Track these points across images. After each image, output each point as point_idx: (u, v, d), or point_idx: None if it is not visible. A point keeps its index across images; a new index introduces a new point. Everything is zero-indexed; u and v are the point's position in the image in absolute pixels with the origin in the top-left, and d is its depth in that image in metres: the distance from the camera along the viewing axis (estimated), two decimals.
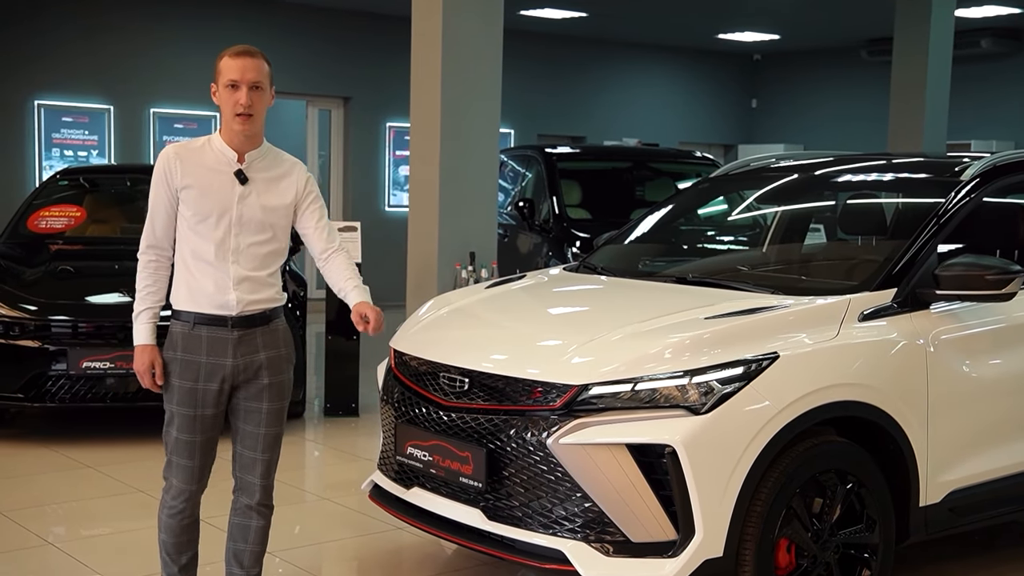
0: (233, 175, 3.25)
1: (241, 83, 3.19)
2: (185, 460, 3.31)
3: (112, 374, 5.93)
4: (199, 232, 3.22)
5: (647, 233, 4.99)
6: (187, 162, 3.24)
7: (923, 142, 9.69)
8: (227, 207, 3.23)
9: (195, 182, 3.22)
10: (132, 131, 11.62)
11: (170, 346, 3.28)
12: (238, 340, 3.26)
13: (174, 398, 3.28)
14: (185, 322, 3.25)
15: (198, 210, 3.22)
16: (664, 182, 9.34)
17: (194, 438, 3.29)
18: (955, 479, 3.82)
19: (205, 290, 3.23)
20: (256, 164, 3.30)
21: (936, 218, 3.95)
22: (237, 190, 3.24)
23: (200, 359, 3.25)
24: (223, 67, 3.22)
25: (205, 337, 3.24)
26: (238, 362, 3.26)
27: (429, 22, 6.58)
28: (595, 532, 3.31)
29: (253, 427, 3.35)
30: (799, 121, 15.97)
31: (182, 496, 3.35)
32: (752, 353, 3.38)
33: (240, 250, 3.24)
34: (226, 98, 3.21)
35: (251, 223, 3.25)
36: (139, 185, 8.00)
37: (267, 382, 3.33)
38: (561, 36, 14.35)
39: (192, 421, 3.27)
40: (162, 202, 3.25)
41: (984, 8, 12.14)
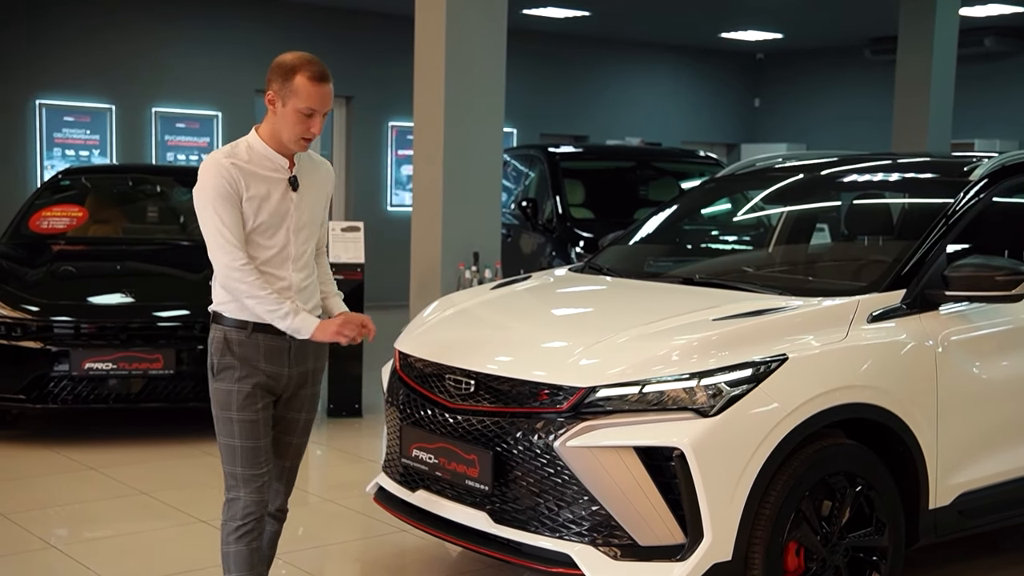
0: (287, 182, 3.15)
1: (319, 112, 3.09)
2: (252, 469, 3.17)
3: (115, 375, 5.91)
4: (258, 242, 3.11)
5: (653, 233, 4.96)
6: (243, 171, 3.09)
7: (927, 141, 9.65)
8: (285, 214, 3.14)
9: (255, 191, 3.10)
10: (134, 131, 11.60)
11: (224, 351, 3.14)
12: (295, 350, 3.18)
13: (233, 403, 3.14)
14: (239, 328, 3.13)
15: (259, 220, 3.10)
16: (668, 182, 9.31)
17: (259, 443, 3.17)
18: (965, 482, 3.79)
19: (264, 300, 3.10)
20: (302, 168, 3.22)
21: (945, 218, 3.92)
22: (292, 196, 3.16)
23: (259, 365, 3.14)
24: (301, 89, 3.05)
25: (263, 344, 3.14)
26: (292, 372, 3.20)
27: (432, 20, 6.55)
28: (602, 535, 3.28)
29: (288, 436, 3.31)
30: (802, 120, 15.94)
31: (255, 512, 3.19)
32: (761, 355, 3.35)
33: (297, 257, 3.18)
34: (295, 121, 3.07)
35: (306, 228, 3.20)
36: (141, 185, 8.00)
37: (310, 392, 3.30)
38: (563, 35, 14.32)
39: (255, 426, 3.16)
40: (232, 210, 3.06)
41: (988, 7, 12.11)
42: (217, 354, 3.15)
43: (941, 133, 9.80)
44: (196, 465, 5.73)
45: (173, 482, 5.39)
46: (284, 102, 3.07)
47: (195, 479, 5.49)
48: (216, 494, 5.26)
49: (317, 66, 3.09)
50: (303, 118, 3.07)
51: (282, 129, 3.10)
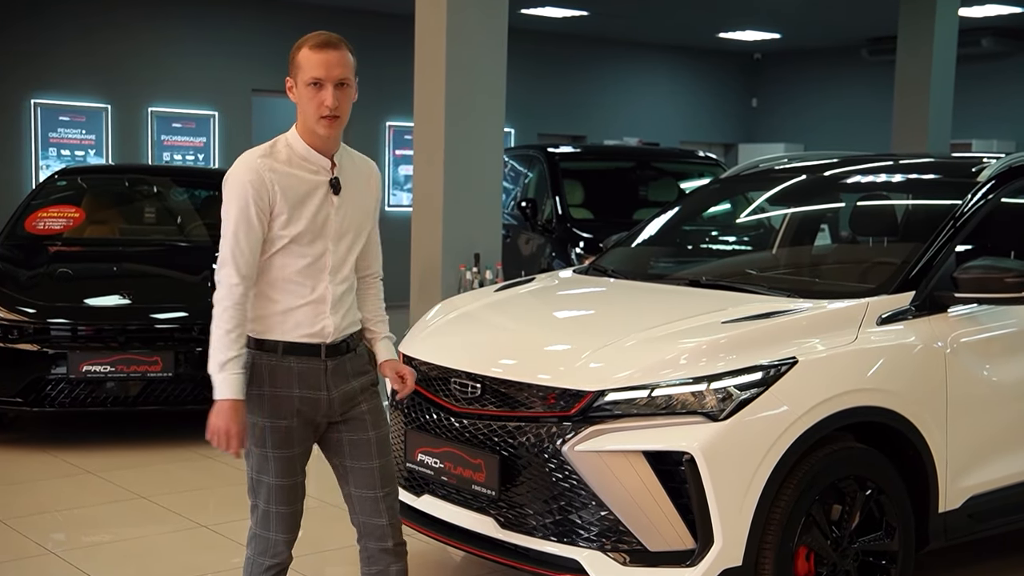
0: (328, 184, 2.87)
1: (326, 81, 2.79)
2: (286, 507, 2.92)
3: (113, 378, 5.86)
4: (293, 251, 2.82)
5: (657, 235, 4.92)
6: (279, 174, 2.81)
7: (927, 141, 9.64)
8: (325, 220, 2.85)
9: (291, 195, 2.80)
10: (130, 130, 11.54)
11: (254, 382, 2.84)
12: (332, 370, 2.88)
13: (267, 441, 2.86)
14: (271, 352, 2.84)
15: (294, 227, 2.81)
16: (667, 182, 9.28)
17: (295, 480, 2.92)
18: (974, 484, 3.76)
19: (298, 315, 2.84)
20: (344, 169, 2.92)
21: (953, 220, 3.89)
22: (333, 201, 2.87)
23: (293, 393, 2.85)
24: (302, 61, 2.81)
25: (296, 368, 2.85)
26: (333, 395, 2.89)
27: (433, 19, 6.51)
28: (611, 541, 3.25)
29: (365, 462, 2.97)
30: (799, 120, 15.93)
31: (287, 547, 2.95)
32: (770, 358, 3.32)
33: (336, 268, 2.88)
34: (308, 98, 2.80)
35: (347, 235, 2.90)
36: (138, 185, 7.94)
37: (368, 407, 2.98)
38: (562, 35, 14.29)
39: (291, 462, 2.89)
40: (253, 226, 2.77)
41: (985, 7, 12.11)
42: (253, 385, 2.85)
43: (941, 133, 9.78)
44: (196, 468, 5.68)
45: (172, 486, 5.34)
46: (296, 83, 2.85)
47: (195, 483, 5.44)
48: (215, 497, 5.24)
49: (321, 35, 2.85)
50: (314, 92, 2.80)
51: (303, 114, 2.85)
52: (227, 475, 5.58)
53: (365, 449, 2.97)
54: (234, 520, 4.84)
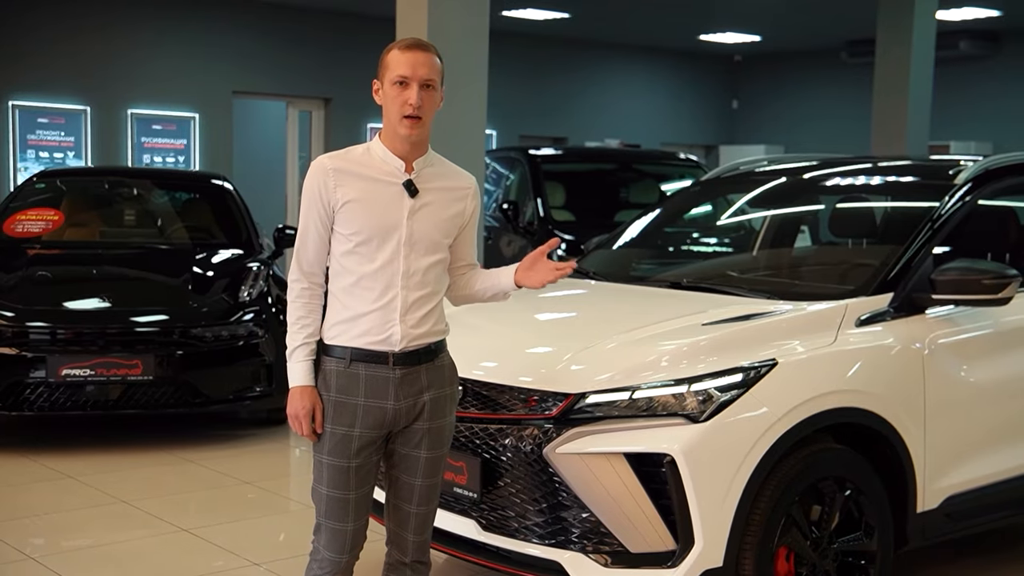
0: (402, 187, 2.83)
1: (412, 80, 2.78)
2: (336, 523, 2.85)
3: (92, 381, 5.83)
4: (361, 254, 2.80)
5: (639, 237, 4.94)
6: (345, 174, 2.80)
7: (906, 142, 9.71)
8: (396, 224, 2.80)
9: (357, 196, 2.79)
10: (109, 132, 11.49)
11: (322, 386, 2.84)
12: (401, 379, 2.82)
13: (324, 447, 2.84)
14: (339, 358, 2.82)
15: (360, 228, 2.78)
16: (649, 184, 9.32)
17: (347, 495, 2.84)
18: (952, 484, 3.79)
19: (365, 322, 2.80)
20: (426, 173, 2.87)
21: (931, 222, 3.92)
22: (407, 204, 2.82)
23: (357, 401, 2.81)
24: (391, 61, 2.81)
25: (363, 376, 2.81)
26: (400, 405, 2.83)
27: (414, 23, 6.51)
28: (593, 543, 3.26)
29: (409, 477, 2.93)
30: (780, 122, 16.01)
31: (332, 567, 2.89)
32: (750, 360, 3.34)
33: (409, 274, 2.81)
34: (393, 96, 2.79)
35: (422, 242, 2.83)
36: (118, 188, 7.89)
37: (427, 427, 2.89)
38: (543, 37, 14.31)
39: (345, 474, 2.83)
40: (314, 222, 2.82)
41: (963, 10, 12.21)
42: (319, 388, 2.85)
43: (920, 134, 9.86)
44: (177, 473, 5.66)
45: (153, 490, 5.32)
46: (383, 83, 2.83)
47: (176, 487, 5.42)
48: (196, 501, 5.22)
49: (410, 38, 2.88)
50: (400, 91, 2.78)
51: (387, 115, 2.83)
52: (208, 479, 5.56)
53: (414, 465, 2.93)
54: (216, 524, 4.83)
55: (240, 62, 12.12)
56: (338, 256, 2.84)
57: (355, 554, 2.94)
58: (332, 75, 12.67)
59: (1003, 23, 13.01)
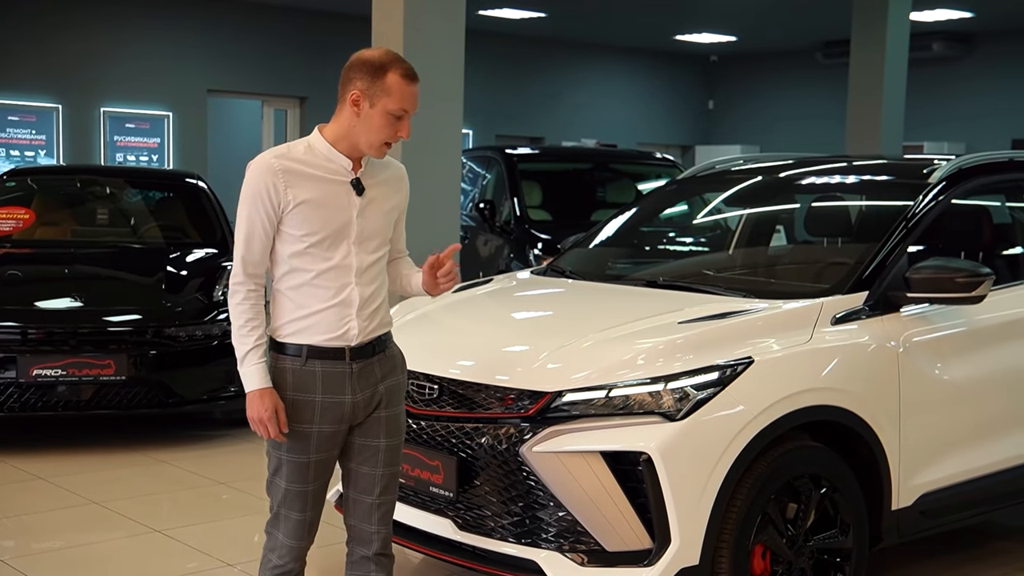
0: (349, 185, 2.83)
1: (409, 113, 2.81)
2: (296, 513, 2.90)
3: (64, 382, 5.76)
4: (313, 254, 2.79)
5: (615, 236, 4.94)
6: (294, 175, 2.77)
7: (880, 143, 9.77)
8: (347, 223, 2.80)
9: (309, 197, 2.76)
10: (82, 131, 11.38)
11: (279, 385, 2.83)
12: (358, 373, 2.85)
13: (283, 444, 2.85)
14: (294, 356, 2.82)
15: (313, 229, 2.77)
16: (625, 183, 9.32)
17: (306, 488, 2.88)
18: (926, 482, 3.81)
19: (321, 319, 2.80)
20: (369, 170, 2.88)
21: (906, 221, 3.94)
22: (355, 202, 2.82)
23: (315, 398, 2.82)
24: (394, 88, 2.77)
25: (320, 372, 2.82)
26: (358, 399, 2.86)
27: (390, 22, 6.48)
28: (569, 541, 3.25)
29: (370, 468, 2.94)
30: (755, 122, 16.08)
31: (291, 554, 2.94)
32: (727, 358, 3.34)
33: (362, 270, 2.83)
34: (382, 124, 2.77)
35: (370, 238, 2.85)
36: (90, 187, 7.82)
37: (386, 415, 2.93)
38: (520, 37, 14.31)
39: (304, 469, 2.86)
40: (261, 224, 2.77)
41: (936, 12, 12.30)
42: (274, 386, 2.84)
43: (894, 134, 9.92)
44: (150, 474, 5.61)
45: (126, 491, 5.26)
46: (372, 103, 2.77)
47: (149, 488, 5.37)
48: (169, 502, 5.17)
49: (408, 64, 2.82)
50: (392, 120, 2.78)
51: (363, 132, 2.79)
52: (182, 479, 5.51)
53: (373, 455, 2.94)
54: (189, 525, 4.79)
55: (215, 60, 12.04)
56: (287, 256, 2.81)
57: (312, 538, 2.99)
58: (308, 74, 12.61)
59: (976, 24, 13.12)
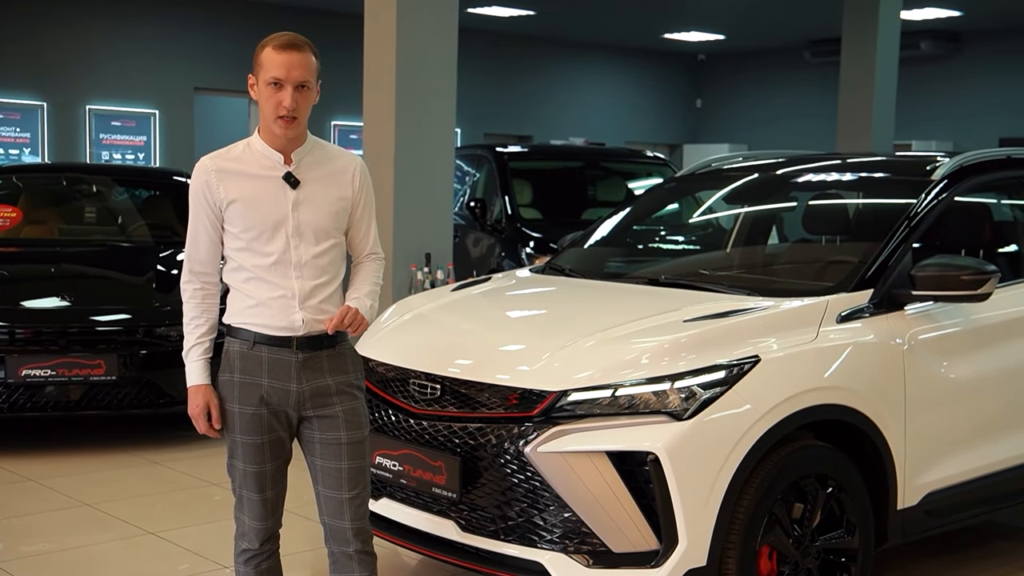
0: (282, 179, 2.88)
1: (286, 82, 2.80)
2: (255, 493, 2.96)
3: (53, 382, 5.68)
4: (253, 249, 2.86)
5: (614, 233, 4.90)
6: (226, 173, 2.86)
7: (871, 141, 9.77)
8: (282, 217, 2.86)
9: (240, 194, 2.85)
10: (67, 128, 11.28)
11: (225, 367, 2.93)
12: (303, 363, 2.90)
13: (236, 426, 2.92)
14: (243, 340, 2.89)
15: (249, 225, 2.85)
16: (616, 182, 9.29)
17: (263, 467, 2.94)
18: (931, 481, 3.78)
19: (268, 309, 2.87)
20: (306, 163, 2.92)
21: (910, 218, 3.91)
22: (290, 196, 2.87)
23: (261, 381, 2.89)
24: (265, 61, 2.82)
25: (266, 358, 2.89)
26: (304, 388, 2.90)
27: (381, 21, 6.43)
28: (575, 543, 3.20)
29: (334, 462, 2.96)
30: (743, 121, 16.08)
31: (258, 536, 3.00)
32: (733, 357, 3.30)
33: (303, 263, 2.88)
34: (267, 97, 2.82)
35: (310, 231, 2.89)
36: (77, 185, 7.73)
37: (341, 409, 2.95)
38: (508, 35, 14.27)
39: (259, 449, 2.92)
40: (203, 222, 2.88)
41: (924, 10, 12.33)
42: (220, 370, 2.94)
43: (885, 132, 9.93)
44: (142, 475, 5.53)
45: (118, 493, 5.19)
46: (256, 80, 2.86)
47: (141, 489, 5.29)
48: (162, 503, 5.10)
49: (285, 36, 2.86)
50: (273, 92, 2.82)
51: (263, 112, 2.87)
52: (174, 480, 5.44)
53: (335, 450, 2.96)
54: (182, 527, 4.72)
55: (202, 58, 11.95)
56: (232, 252, 2.92)
57: (276, 521, 3.04)
58: None
59: (963, 23, 13.16)
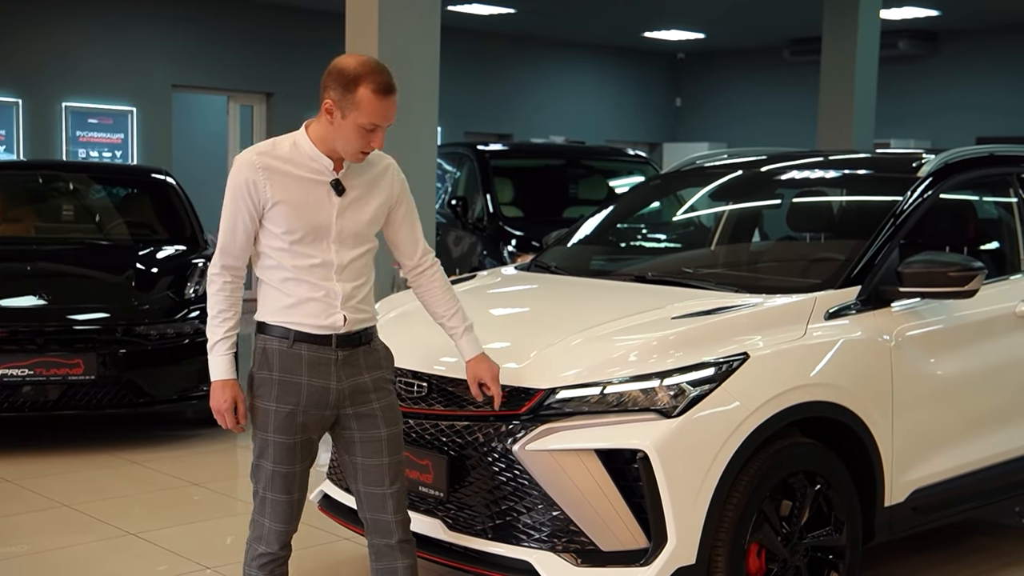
0: (330, 186, 2.86)
1: (381, 127, 2.82)
2: (282, 495, 2.93)
3: (30, 382, 5.61)
4: (295, 251, 2.84)
5: (599, 231, 4.87)
6: (275, 172, 2.82)
7: (852, 139, 9.80)
8: (326, 223, 2.85)
9: (286, 196, 2.82)
10: (43, 126, 11.14)
11: (263, 365, 2.89)
12: (343, 361, 2.90)
13: (269, 424, 2.89)
14: (281, 338, 2.87)
15: (292, 228, 2.82)
16: (597, 180, 9.28)
17: (293, 468, 2.92)
18: (918, 478, 3.78)
19: (308, 307, 2.86)
20: (352, 170, 2.91)
21: (897, 215, 3.91)
22: (335, 203, 2.86)
23: (301, 379, 2.87)
24: (363, 102, 2.77)
25: (306, 356, 2.87)
26: (343, 386, 2.91)
27: (364, 20, 6.39)
28: (563, 541, 3.18)
29: (375, 459, 2.97)
30: (723, 119, 16.11)
31: (278, 539, 2.97)
32: (722, 354, 3.28)
33: (343, 267, 2.88)
34: (355, 135, 2.80)
35: (351, 237, 2.89)
36: (54, 182, 7.65)
37: (379, 406, 2.97)
38: (488, 33, 14.23)
39: (291, 450, 2.90)
40: (242, 218, 2.84)
41: (903, 10, 12.39)
42: (255, 367, 2.91)
43: (865, 131, 9.96)
44: (121, 475, 5.47)
45: (97, 493, 5.13)
46: (344, 114, 2.79)
47: (121, 490, 5.24)
48: (142, 503, 5.05)
49: (383, 76, 2.81)
50: (364, 133, 2.81)
51: (338, 140, 2.82)
52: (154, 481, 5.38)
53: (375, 447, 2.98)
54: (162, 527, 4.67)
55: (180, 55, 11.84)
56: (270, 251, 2.88)
57: (298, 523, 3.01)
58: (275, 69, 12.45)
59: (941, 23, 13.23)
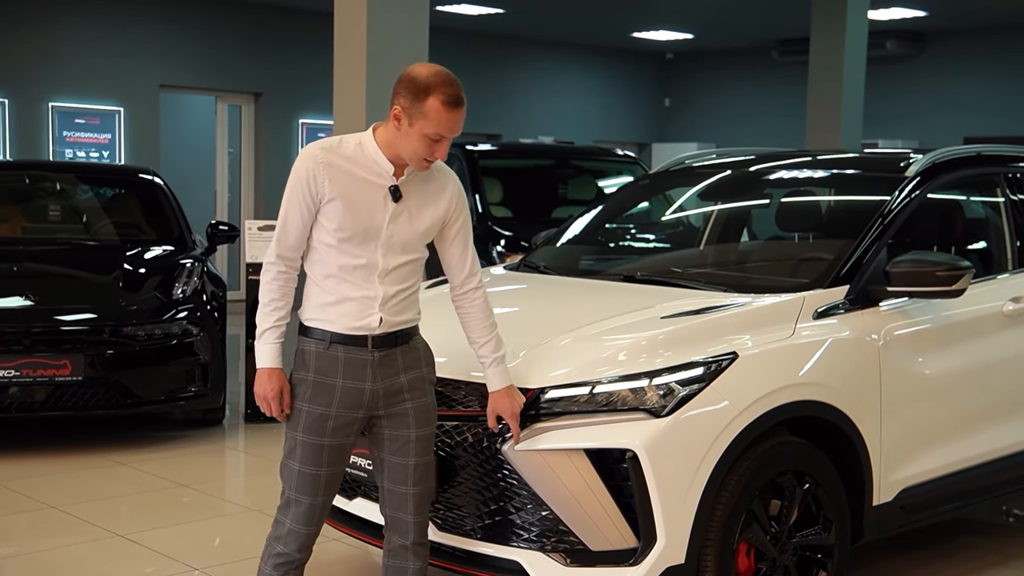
0: (388, 190, 2.88)
1: (447, 138, 2.83)
2: (307, 497, 2.93)
3: (17, 383, 5.58)
4: (342, 249, 2.87)
5: (589, 231, 4.87)
6: (336, 170, 2.85)
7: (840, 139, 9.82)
8: (377, 227, 2.87)
9: (343, 193, 2.84)
10: (29, 126, 11.09)
11: (300, 366, 2.92)
12: (379, 361, 2.92)
13: (299, 424, 2.91)
14: (319, 340, 2.90)
15: (344, 226, 2.85)
16: (586, 180, 9.28)
17: (319, 471, 2.92)
18: (906, 477, 3.79)
19: (347, 307, 2.88)
20: (413, 179, 2.93)
21: (885, 215, 3.92)
22: (389, 208, 2.88)
23: (335, 381, 2.89)
24: (431, 113, 2.79)
25: (342, 357, 2.89)
26: (378, 386, 2.92)
27: (352, 20, 6.38)
28: (552, 541, 3.18)
29: (401, 458, 2.99)
30: (711, 120, 16.13)
31: (297, 542, 2.97)
32: (711, 353, 3.29)
33: (387, 271, 2.90)
34: (420, 144, 2.81)
35: (399, 244, 2.91)
36: (41, 182, 7.61)
37: (412, 406, 2.98)
38: (477, 33, 14.22)
39: (319, 452, 2.91)
40: (299, 209, 2.87)
41: (890, 10, 12.42)
42: (294, 368, 2.94)
43: (853, 131, 9.99)
44: (109, 476, 5.45)
45: (84, 495, 5.11)
46: (411, 122, 2.81)
47: (108, 491, 5.21)
48: (130, 505, 5.03)
49: (453, 88, 2.82)
50: (429, 142, 2.82)
51: (403, 147, 2.85)
52: (142, 482, 5.36)
53: (404, 446, 2.99)
54: (151, 528, 4.65)
55: (168, 55, 11.80)
56: (320, 246, 2.90)
57: (318, 528, 3.02)
58: (263, 69, 12.42)
59: (928, 23, 13.27)
